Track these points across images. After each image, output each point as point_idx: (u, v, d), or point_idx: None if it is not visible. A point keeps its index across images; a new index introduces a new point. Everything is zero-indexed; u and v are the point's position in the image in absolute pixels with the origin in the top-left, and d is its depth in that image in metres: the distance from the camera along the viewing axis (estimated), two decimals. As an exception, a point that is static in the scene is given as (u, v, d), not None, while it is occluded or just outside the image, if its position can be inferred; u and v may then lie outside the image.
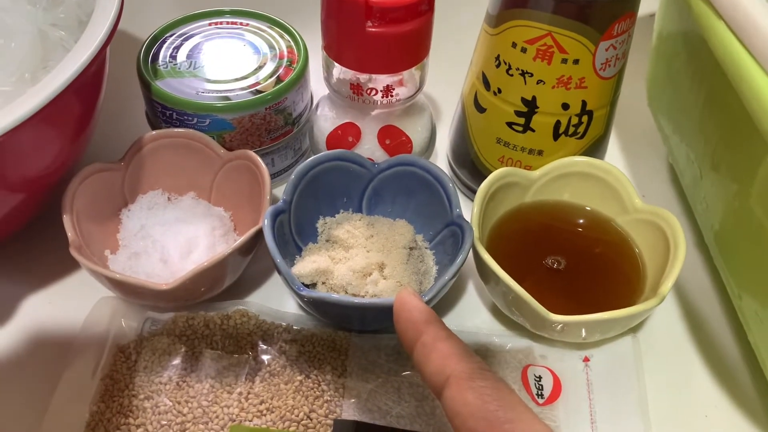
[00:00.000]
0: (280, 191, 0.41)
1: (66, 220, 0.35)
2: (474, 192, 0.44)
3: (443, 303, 0.39)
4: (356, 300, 0.33)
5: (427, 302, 0.33)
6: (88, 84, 0.36)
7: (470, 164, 0.43)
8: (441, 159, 0.48)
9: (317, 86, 0.44)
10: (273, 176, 0.44)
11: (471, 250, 0.35)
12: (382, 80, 0.38)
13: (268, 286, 0.40)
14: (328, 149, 0.42)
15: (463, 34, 0.48)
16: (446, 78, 0.47)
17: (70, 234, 0.35)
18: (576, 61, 0.36)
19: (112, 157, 0.40)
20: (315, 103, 0.44)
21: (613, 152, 0.48)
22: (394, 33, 0.35)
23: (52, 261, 0.39)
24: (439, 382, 0.25)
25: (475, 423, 0.23)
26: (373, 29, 0.35)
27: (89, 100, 0.37)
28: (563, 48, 0.35)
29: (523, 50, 0.36)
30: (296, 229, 0.39)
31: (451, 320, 0.39)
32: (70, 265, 0.39)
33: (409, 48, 0.37)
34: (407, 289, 0.28)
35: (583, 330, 0.35)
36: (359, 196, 0.41)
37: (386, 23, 0.35)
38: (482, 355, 0.36)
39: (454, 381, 0.24)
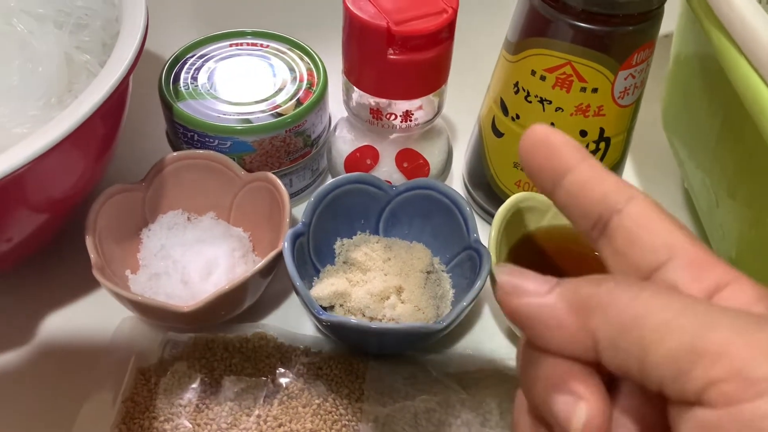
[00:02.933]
0: (298, 211, 0.41)
1: (89, 241, 0.36)
2: (489, 214, 0.44)
3: (459, 326, 0.39)
4: (375, 325, 0.33)
5: (445, 328, 0.34)
6: (113, 107, 0.36)
7: (486, 187, 0.44)
8: (457, 180, 0.48)
9: (335, 107, 0.44)
10: (291, 196, 0.44)
11: (488, 275, 0.36)
12: (401, 105, 0.39)
13: (286, 307, 0.40)
14: (346, 171, 0.42)
15: (481, 57, 0.48)
16: (463, 100, 0.47)
17: (92, 255, 0.35)
18: (595, 90, 0.36)
19: (132, 177, 0.40)
20: (333, 124, 0.44)
21: (628, 175, 0.49)
22: (415, 60, 0.36)
23: (74, 280, 0.40)
24: (615, 201, 0.19)
25: None
26: (395, 56, 0.36)
27: (114, 123, 0.38)
28: (582, 77, 0.36)
29: (543, 78, 0.37)
30: (314, 250, 0.39)
31: (467, 344, 0.39)
32: (91, 284, 0.40)
33: (429, 75, 0.38)
34: (539, 124, 0.21)
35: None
36: (376, 218, 0.41)
37: (408, 51, 0.35)
38: (499, 379, 0.36)
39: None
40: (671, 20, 0.42)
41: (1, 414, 0.35)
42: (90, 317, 0.39)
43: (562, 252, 0.41)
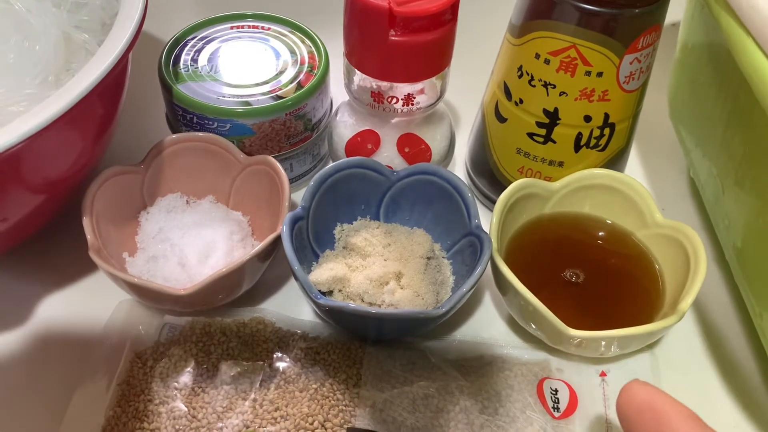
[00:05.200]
0: (298, 196, 0.41)
1: (86, 222, 0.36)
2: (491, 200, 0.44)
3: (459, 313, 0.39)
4: (374, 310, 0.33)
5: (445, 314, 0.33)
6: (111, 87, 0.36)
7: (489, 173, 0.43)
8: (459, 166, 0.47)
9: (337, 91, 0.44)
10: (291, 181, 0.44)
11: (489, 261, 0.35)
12: (403, 89, 0.38)
13: (284, 292, 0.40)
14: (347, 156, 0.42)
15: (484, 41, 0.47)
16: (466, 85, 0.47)
17: (89, 237, 0.35)
18: (600, 74, 0.35)
19: (131, 159, 0.40)
20: (335, 108, 0.44)
21: (633, 163, 0.48)
22: (418, 42, 0.35)
23: (71, 262, 0.40)
24: None
25: None
26: (397, 38, 0.35)
27: (112, 103, 0.37)
28: (587, 60, 0.35)
29: (547, 62, 0.36)
30: (314, 235, 0.39)
31: (467, 330, 0.38)
32: (89, 267, 0.39)
33: (432, 57, 0.37)
34: (637, 381, 0.22)
35: (601, 345, 0.34)
36: (377, 203, 0.41)
37: (410, 32, 0.35)
38: (498, 367, 0.36)
39: None
40: (679, 8, 0.42)
41: (-4, 396, 0.35)
42: (87, 300, 0.39)
43: (563, 239, 0.40)
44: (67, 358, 0.36)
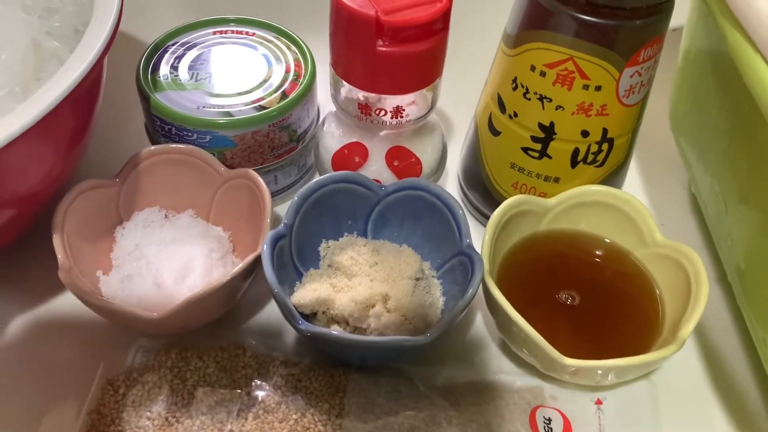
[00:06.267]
0: (283, 208, 0.39)
1: (56, 240, 0.34)
2: (483, 214, 0.42)
3: (447, 336, 0.37)
4: (358, 338, 0.31)
5: (432, 341, 0.32)
6: (84, 96, 0.34)
7: (481, 187, 0.41)
8: (451, 177, 0.46)
9: (324, 99, 0.42)
10: (276, 193, 0.42)
11: (481, 284, 0.34)
12: (392, 100, 0.36)
13: (266, 312, 0.38)
14: (334, 169, 0.40)
15: (478, 50, 0.46)
16: (458, 93, 0.45)
17: (59, 256, 0.33)
18: (598, 88, 0.34)
19: (107, 170, 0.38)
20: (322, 118, 0.42)
21: (633, 178, 0.46)
22: (407, 53, 0.33)
23: (41, 279, 0.38)
24: None
25: None
26: (384, 48, 0.33)
27: (85, 113, 0.35)
28: (585, 74, 0.33)
29: (542, 74, 0.34)
30: (297, 252, 0.37)
31: (455, 356, 0.37)
32: (60, 285, 0.37)
33: (422, 68, 0.35)
34: None
35: (597, 375, 0.33)
36: (365, 218, 0.39)
37: (398, 42, 0.33)
38: (489, 395, 0.34)
39: None
40: (681, 14, 0.40)
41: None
42: (58, 321, 0.37)
43: (559, 258, 0.39)
44: (35, 382, 0.34)
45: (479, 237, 0.36)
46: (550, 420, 0.33)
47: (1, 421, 0.33)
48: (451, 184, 0.45)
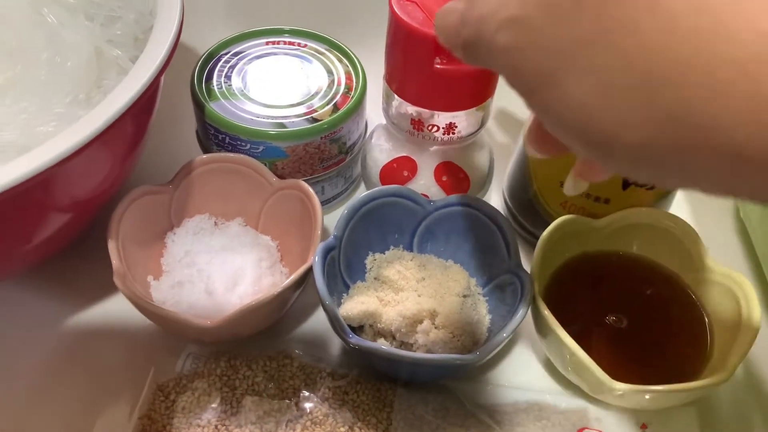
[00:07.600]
0: (328, 218, 0.40)
1: (111, 246, 0.34)
2: (528, 232, 0.42)
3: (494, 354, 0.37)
4: (407, 354, 0.31)
5: (482, 360, 0.32)
6: (143, 107, 0.35)
7: (528, 204, 0.41)
8: (496, 192, 0.46)
9: (372, 111, 0.42)
10: (322, 204, 0.42)
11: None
12: (444, 117, 0.37)
13: (312, 321, 0.38)
14: (382, 182, 0.40)
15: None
16: (508, 112, 0.45)
17: (114, 262, 0.34)
18: (655, 112, 0.33)
19: (160, 177, 0.39)
20: (370, 130, 0.42)
21: (678, 200, 0.46)
22: (464, 71, 0.34)
23: (95, 282, 0.38)
24: None
25: None
26: (442, 66, 0.33)
27: (142, 123, 0.36)
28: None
29: (599, 96, 0.34)
30: (345, 264, 0.37)
31: (500, 374, 0.37)
32: (113, 288, 0.38)
33: (476, 87, 0.35)
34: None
35: (644, 399, 0.32)
36: (411, 232, 0.39)
37: (456, 61, 0.33)
38: (534, 415, 0.34)
39: None
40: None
41: (16, 424, 0.33)
42: (111, 324, 0.37)
43: (606, 279, 0.38)
44: (88, 384, 0.35)
45: (523, 253, 0.36)
46: (595, 443, 0.33)
47: (58, 420, 0.33)
48: (494, 197, 0.45)
